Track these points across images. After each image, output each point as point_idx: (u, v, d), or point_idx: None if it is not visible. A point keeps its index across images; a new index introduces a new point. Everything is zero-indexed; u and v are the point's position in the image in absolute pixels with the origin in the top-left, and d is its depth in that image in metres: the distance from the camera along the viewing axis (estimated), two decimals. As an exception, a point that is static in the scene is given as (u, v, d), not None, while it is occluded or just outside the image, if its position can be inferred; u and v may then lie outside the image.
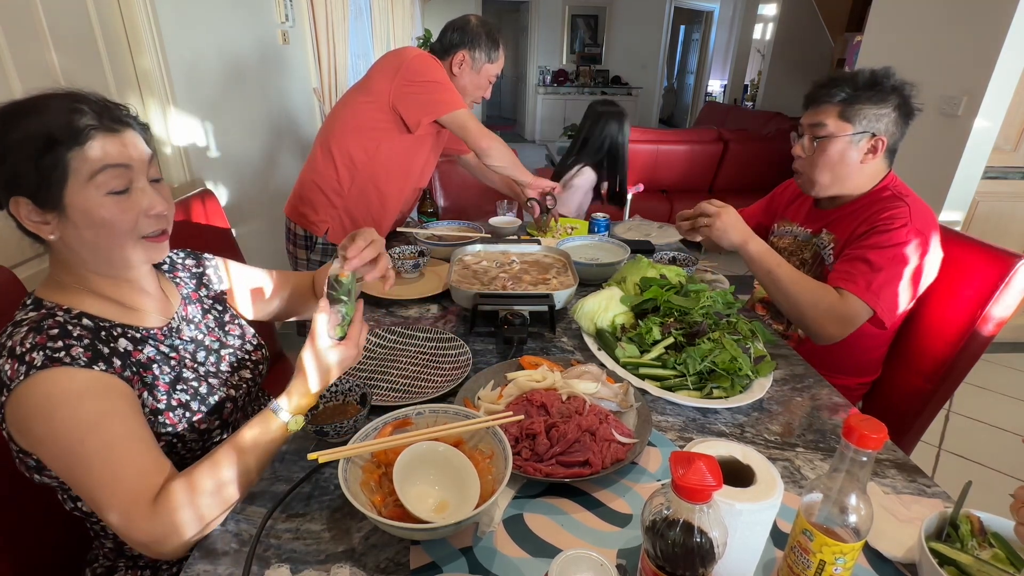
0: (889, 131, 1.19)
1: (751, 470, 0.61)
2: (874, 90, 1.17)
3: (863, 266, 1.14)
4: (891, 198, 1.21)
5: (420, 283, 1.44)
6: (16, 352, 0.66)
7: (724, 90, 8.62)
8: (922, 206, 1.20)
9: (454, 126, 1.62)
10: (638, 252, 1.65)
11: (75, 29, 1.55)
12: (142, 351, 0.79)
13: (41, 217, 0.70)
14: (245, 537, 0.70)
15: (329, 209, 1.71)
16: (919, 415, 1.27)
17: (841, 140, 1.19)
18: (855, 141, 1.19)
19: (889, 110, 1.17)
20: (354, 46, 3.63)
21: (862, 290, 1.12)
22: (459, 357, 1.08)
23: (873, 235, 1.17)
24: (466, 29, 1.67)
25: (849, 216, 1.26)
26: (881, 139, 1.19)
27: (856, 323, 1.14)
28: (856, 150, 1.20)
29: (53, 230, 0.71)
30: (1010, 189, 2.60)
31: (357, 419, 0.83)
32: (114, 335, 0.76)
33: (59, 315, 0.71)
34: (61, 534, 0.92)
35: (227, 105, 2.25)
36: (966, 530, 0.65)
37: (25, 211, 0.69)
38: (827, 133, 1.20)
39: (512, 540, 0.70)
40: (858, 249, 1.17)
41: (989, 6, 2.29)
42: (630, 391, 0.94)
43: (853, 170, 1.22)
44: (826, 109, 1.20)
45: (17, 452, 0.72)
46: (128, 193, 0.73)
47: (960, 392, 1.34)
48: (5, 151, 0.67)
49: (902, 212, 1.16)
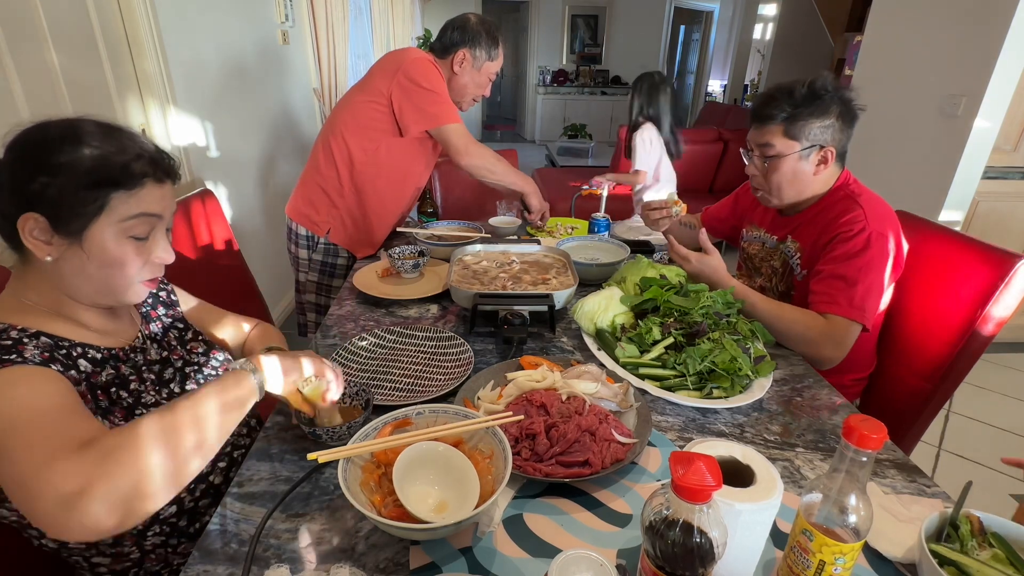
0: (836, 139, 1.21)
1: (751, 470, 0.61)
2: (814, 104, 1.18)
3: (840, 284, 1.15)
4: (845, 199, 1.22)
5: (420, 283, 1.44)
6: None
7: (724, 90, 8.61)
8: (876, 203, 1.21)
9: (440, 139, 1.65)
10: (638, 252, 1.65)
11: (75, 29, 1.55)
12: (101, 373, 0.75)
13: (48, 238, 0.68)
14: (245, 537, 0.70)
15: (331, 209, 1.71)
16: (919, 415, 1.27)
17: (791, 158, 1.21)
18: (804, 156, 1.21)
19: (832, 120, 1.19)
20: (354, 46, 3.63)
21: (846, 309, 1.13)
22: (461, 355, 1.08)
23: (837, 244, 1.18)
24: (466, 28, 1.67)
25: (809, 222, 1.28)
26: (829, 150, 1.21)
27: (850, 341, 1.15)
28: (807, 164, 1.22)
29: (53, 252, 0.68)
30: (1010, 189, 2.60)
31: (352, 425, 0.82)
32: (73, 355, 0.72)
33: (12, 333, 0.67)
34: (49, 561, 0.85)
35: (227, 105, 2.25)
36: (966, 530, 0.65)
37: (33, 227, 0.67)
38: (775, 153, 1.22)
39: (512, 540, 0.70)
40: (828, 264, 1.19)
41: (989, 6, 2.29)
42: (630, 391, 0.94)
43: (808, 181, 1.25)
44: (771, 129, 1.22)
45: None
46: (146, 240, 0.73)
47: (960, 392, 1.34)
48: (49, 170, 0.65)
49: (858, 216, 1.17)
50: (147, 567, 0.82)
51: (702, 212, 1.73)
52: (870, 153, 2.88)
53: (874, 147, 2.87)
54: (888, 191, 1.32)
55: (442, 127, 1.61)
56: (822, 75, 1.20)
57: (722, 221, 1.64)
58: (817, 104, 1.17)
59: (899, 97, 2.76)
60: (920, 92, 2.64)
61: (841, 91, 1.20)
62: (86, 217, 0.67)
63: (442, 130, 1.62)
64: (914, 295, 1.32)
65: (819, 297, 1.18)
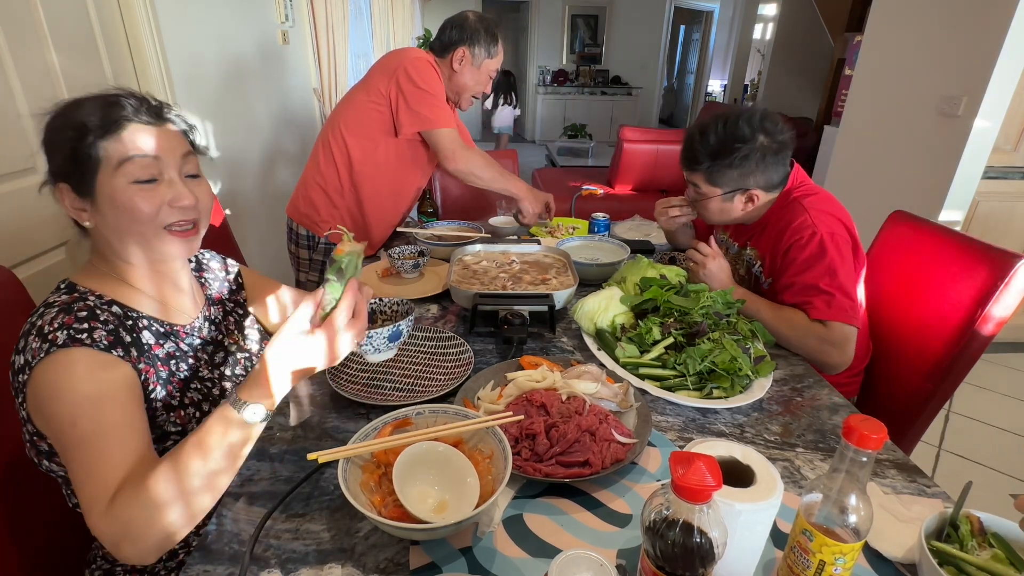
0: (759, 181, 1.23)
1: (751, 470, 0.61)
2: (730, 157, 1.19)
3: (817, 293, 1.15)
4: (791, 205, 1.23)
5: (420, 283, 1.44)
6: (44, 331, 0.68)
7: (724, 90, 8.62)
8: (820, 201, 1.21)
9: (431, 142, 1.66)
10: (638, 252, 1.65)
11: (75, 29, 1.55)
12: (163, 345, 0.80)
13: (79, 204, 0.74)
14: (244, 537, 0.70)
15: (331, 209, 1.71)
16: (919, 415, 1.27)
17: (715, 200, 1.27)
18: (728, 199, 1.26)
19: (752, 165, 1.20)
20: (354, 46, 3.63)
21: (837, 313, 1.13)
22: (461, 355, 1.08)
23: (795, 253, 1.19)
24: (465, 26, 1.68)
25: (763, 231, 1.30)
26: (754, 192, 1.24)
27: (851, 343, 1.15)
28: (732, 203, 1.27)
29: (89, 217, 0.75)
30: (1010, 189, 2.60)
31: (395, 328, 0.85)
32: (139, 326, 0.78)
33: (90, 299, 0.74)
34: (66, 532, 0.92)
35: (227, 105, 2.25)
36: (966, 530, 0.65)
37: (68, 198, 0.74)
38: (701, 194, 1.28)
39: (512, 540, 0.70)
40: (794, 276, 1.18)
41: (989, 6, 2.29)
42: (630, 391, 0.94)
43: (740, 215, 1.29)
44: (695, 173, 1.27)
45: (32, 434, 0.73)
46: (155, 184, 0.75)
47: (960, 392, 1.34)
48: (50, 140, 0.73)
49: (804, 222, 1.18)
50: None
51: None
52: (870, 153, 2.88)
53: (874, 147, 2.87)
54: (888, 191, 1.32)
55: (433, 131, 1.62)
56: (745, 115, 1.20)
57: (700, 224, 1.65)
58: (733, 157, 1.19)
59: (899, 97, 2.76)
60: (920, 92, 2.64)
61: (761, 129, 1.19)
62: (89, 172, 0.72)
63: (433, 133, 1.63)
64: (914, 295, 1.33)
65: (810, 307, 1.17)
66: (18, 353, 0.69)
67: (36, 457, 0.75)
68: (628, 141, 3.87)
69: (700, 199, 1.30)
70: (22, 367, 0.68)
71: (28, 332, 0.69)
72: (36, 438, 0.73)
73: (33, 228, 1.40)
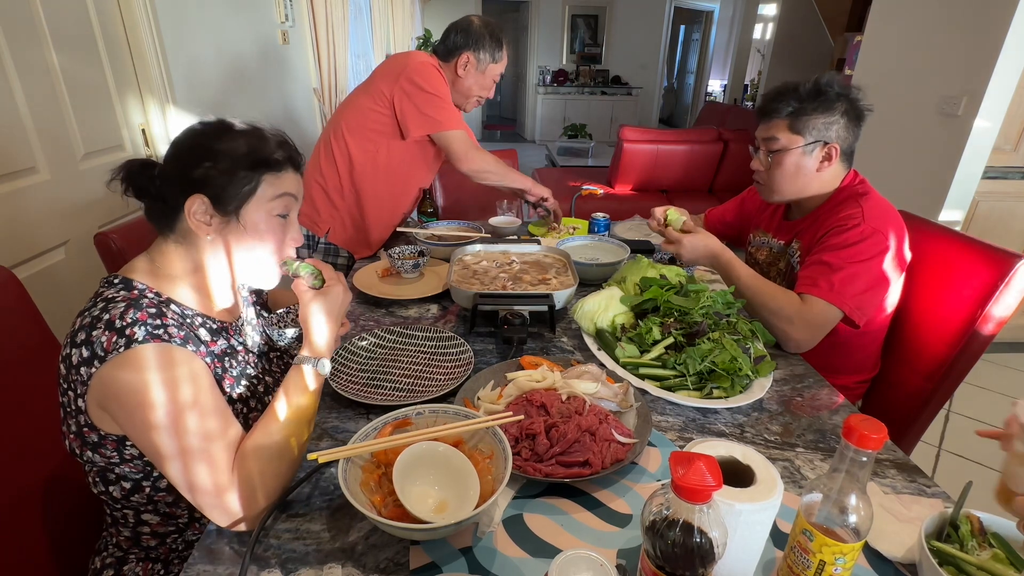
0: (840, 136, 1.21)
1: (751, 470, 0.61)
2: (819, 100, 1.18)
3: (822, 268, 1.15)
4: (848, 200, 1.23)
5: (420, 283, 1.44)
6: (116, 325, 0.67)
7: (724, 90, 8.62)
8: (879, 203, 1.21)
9: (442, 144, 1.66)
10: (638, 252, 1.65)
11: (75, 29, 1.55)
12: (217, 342, 0.83)
13: (208, 218, 0.76)
14: (245, 537, 0.70)
15: (331, 210, 1.71)
16: (919, 415, 1.27)
17: (794, 152, 1.22)
18: (808, 151, 1.22)
19: (837, 117, 1.19)
20: (354, 46, 3.63)
21: (825, 292, 1.13)
22: (461, 355, 1.08)
23: (830, 237, 1.19)
24: (469, 31, 1.68)
25: (813, 224, 1.28)
26: (834, 146, 1.21)
27: (825, 327, 1.14)
28: (811, 159, 1.23)
29: (211, 231, 0.77)
30: (1010, 189, 2.60)
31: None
32: (196, 324, 0.81)
33: (150, 296, 0.76)
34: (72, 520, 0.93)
35: (227, 105, 2.25)
36: (966, 530, 0.65)
37: (198, 207, 0.75)
38: (780, 147, 1.23)
39: (512, 540, 0.70)
40: (816, 253, 1.19)
41: (989, 7, 2.29)
42: (630, 391, 0.94)
43: (811, 178, 1.25)
44: (776, 123, 1.23)
45: (82, 426, 0.73)
46: (286, 219, 0.83)
47: (960, 392, 1.34)
48: (213, 155, 0.76)
49: (855, 213, 1.18)
50: (187, 536, 0.85)
51: (705, 213, 1.72)
52: (870, 153, 2.87)
53: (874, 147, 2.86)
54: (888, 191, 1.32)
55: (444, 132, 1.63)
56: (829, 74, 1.21)
57: (728, 225, 1.64)
58: (821, 100, 1.18)
59: (899, 97, 2.76)
60: (920, 92, 2.64)
61: (848, 90, 1.20)
62: (242, 196, 0.77)
63: (444, 135, 1.63)
64: (914, 295, 1.32)
65: (802, 281, 1.18)
66: (77, 346, 0.68)
67: (79, 448, 0.75)
68: (628, 141, 3.87)
69: (777, 153, 1.24)
70: (86, 360, 0.67)
71: (91, 325, 0.68)
72: (87, 429, 0.73)
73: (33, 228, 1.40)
